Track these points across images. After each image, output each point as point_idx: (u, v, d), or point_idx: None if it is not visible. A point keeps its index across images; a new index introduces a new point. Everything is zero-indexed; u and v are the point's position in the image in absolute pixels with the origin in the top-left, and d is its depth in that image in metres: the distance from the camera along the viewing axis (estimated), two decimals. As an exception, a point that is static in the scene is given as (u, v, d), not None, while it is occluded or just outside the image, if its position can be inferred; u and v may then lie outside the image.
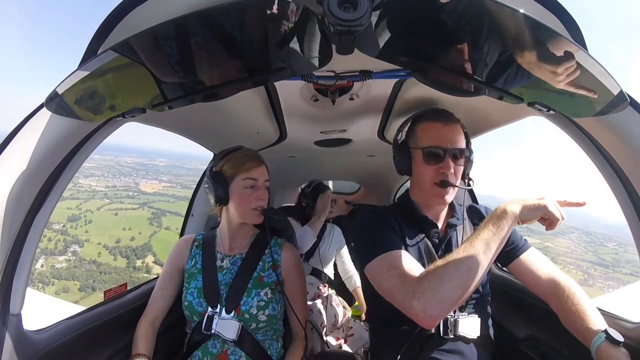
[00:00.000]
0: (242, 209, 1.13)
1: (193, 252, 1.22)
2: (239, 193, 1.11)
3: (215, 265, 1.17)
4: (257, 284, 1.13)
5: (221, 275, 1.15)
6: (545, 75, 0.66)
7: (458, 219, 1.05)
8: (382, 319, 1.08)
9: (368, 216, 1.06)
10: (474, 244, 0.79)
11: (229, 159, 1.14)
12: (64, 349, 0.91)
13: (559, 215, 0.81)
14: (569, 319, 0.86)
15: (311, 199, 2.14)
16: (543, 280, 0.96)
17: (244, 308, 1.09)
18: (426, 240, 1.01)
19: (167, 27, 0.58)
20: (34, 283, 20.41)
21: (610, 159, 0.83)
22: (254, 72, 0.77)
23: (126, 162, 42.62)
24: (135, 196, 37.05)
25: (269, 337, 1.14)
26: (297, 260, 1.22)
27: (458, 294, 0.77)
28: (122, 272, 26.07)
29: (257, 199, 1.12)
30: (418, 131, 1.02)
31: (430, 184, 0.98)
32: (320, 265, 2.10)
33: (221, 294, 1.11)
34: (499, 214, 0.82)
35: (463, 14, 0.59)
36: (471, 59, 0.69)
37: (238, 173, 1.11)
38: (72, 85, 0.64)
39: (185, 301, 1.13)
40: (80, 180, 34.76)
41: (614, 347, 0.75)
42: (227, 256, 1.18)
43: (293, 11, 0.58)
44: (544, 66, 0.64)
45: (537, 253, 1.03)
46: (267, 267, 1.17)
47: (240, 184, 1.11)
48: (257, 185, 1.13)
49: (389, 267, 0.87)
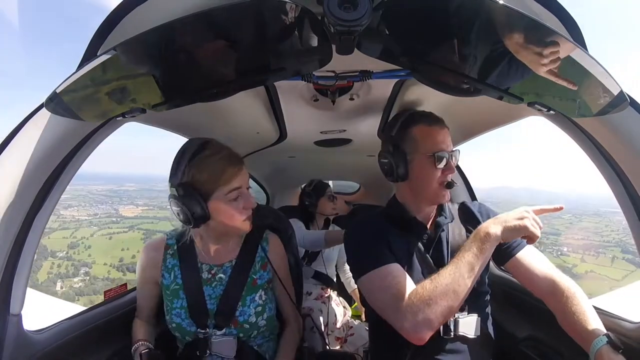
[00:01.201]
0: (231, 224, 0.97)
1: (168, 262, 1.05)
2: (222, 209, 0.93)
3: (200, 279, 1.02)
4: (251, 288, 1.04)
5: (210, 289, 1.02)
6: (545, 75, 0.66)
7: (446, 218, 1.06)
8: (381, 319, 1.07)
9: (360, 227, 1.09)
10: (459, 267, 0.85)
11: (200, 168, 0.91)
12: (64, 349, 0.91)
13: (538, 233, 0.87)
14: (567, 320, 0.86)
15: (314, 197, 2.15)
16: (540, 278, 0.96)
17: (242, 319, 1.00)
18: (416, 241, 1.02)
19: (167, 28, 0.58)
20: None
21: (610, 159, 0.83)
22: (254, 72, 0.77)
23: (97, 190, 43.74)
24: (119, 221, 38.19)
25: (267, 338, 1.12)
26: (280, 246, 1.15)
27: (445, 315, 0.84)
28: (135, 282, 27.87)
29: (245, 208, 0.97)
30: (416, 135, 1.02)
31: (437, 186, 1.01)
32: (323, 268, 2.10)
33: (211, 309, 1.00)
34: (482, 236, 0.87)
35: (463, 14, 0.59)
36: (471, 58, 0.69)
37: (218, 186, 0.92)
38: (72, 86, 0.64)
39: (173, 323, 1.01)
40: (62, 211, 35.96)
41: (614, 352, 0.75)
42: (215, 266, 1.05)
43: (293, 11, 0.58)
44: (544, 66, 0.64)
45: (534, 251, 1.02)
46: (258, 269, 1.08)
47: (222, 199, 0.93)
48: (242, 194, 0.96)
49: (379, 287, 0.92)
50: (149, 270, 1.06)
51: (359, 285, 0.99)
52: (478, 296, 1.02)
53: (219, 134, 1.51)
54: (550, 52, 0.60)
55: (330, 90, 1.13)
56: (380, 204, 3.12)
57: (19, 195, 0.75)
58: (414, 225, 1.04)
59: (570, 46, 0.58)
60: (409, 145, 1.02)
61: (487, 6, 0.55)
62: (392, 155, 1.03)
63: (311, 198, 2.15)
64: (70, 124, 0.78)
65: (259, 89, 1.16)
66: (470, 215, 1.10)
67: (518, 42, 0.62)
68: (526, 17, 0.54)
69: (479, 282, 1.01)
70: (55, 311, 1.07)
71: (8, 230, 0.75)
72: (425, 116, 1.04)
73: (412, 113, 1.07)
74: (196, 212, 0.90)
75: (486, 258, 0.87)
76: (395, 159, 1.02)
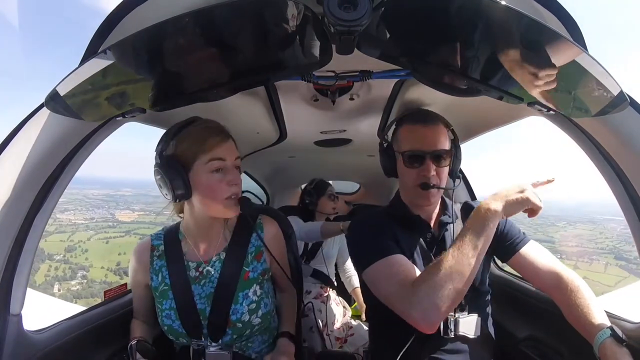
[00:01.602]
0: (211, 201, 0.90)
1: (155, 264, 1.00)
2: (204, 181, 0.87)
3: (188, 277, 0.97)
4: (244, 284, 0.97)
5: (199, 288, 0.97)
6: (545, 75, 0.66)
7: (449, 217, 1.06)
8: (382, 319, 1.08)
9: (364, 222, 1.09)
10: (462, 249, 0.81)
11: (182, 138, 0.89)
12: (64, 349, 0.91)
13: (540, 204, 0.83)
14: (572, 314, 0.86)
15: (314, 196, 2.15)
16: (544, 273, 0.95)
17: (234, 317, 0.94)
18: (420, 239, 1.02)
19: (166, 26, 0.58)
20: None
21: (610, 159, 0.83)
22: (254, 72, 0.77)
23: (93, 194, 44.16)
24: (115, 226, 38.67)
25: (265, 343, 1.06)
26: (277, 230, 1.08)
27: (452, 299, 0.80)
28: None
29: (229, 184, 0.89)
30: (400, 134, 1.03)
31: (413, 187, 0.99)
32: (323, 267, 2.10)
33: (201, 309, 0.95)
34: (483, 213, 0.84)
35: (463, 14, 0.59)
36: (471, 59, 0.69)
37: (198, 155, 0.87)
38: (72, 85, 0.64)
39: (165, 325, 0.96)
40: (58, 215, 36.43)
41: (618, 344, 0.75)
42: (202, 263, 0.98)
43: (293, 11, 0.58)
44: (544, 66, 0.64)
45: (538, 246, 1.02)
46: (251, 260, 1.00)
47: (203, 169, 0.87)
48: (226, 167, 0.89)
49: (386, 275, 0.89)
50: (139, 273, 1.03)
51: (364, 278, 0.96)
52: (479, 296, 1.02)
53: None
54: (550, 52, 0.60)
55: (330, 90, 1.13)
56: (381, 204, 3.12)
57: (18, 195, 0.75)
58: (418, 223, 1.03)
59: (570, 46, 0.58)
60: (395, 143, 1.04)
61: (487, 6, 0.55)
62: (383, 152, 1.05)
63: (312, 196, 2.15)
64: (70, 124, 0.78)
65: (259, 89, 1.16)
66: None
67: (518, 42, 0.62)
68: (526, 17, 0.54)
69: (480, 282, 1.01)
70: (55, 311, 1.07)
71: (8, 231, 0.75)
72: (414, 115, 1.04)
73: (408, 112, 1.07)
74: (175, 182, 0.86)
75: (489, 236, 0.83)
76: (385, 156, 1.04)
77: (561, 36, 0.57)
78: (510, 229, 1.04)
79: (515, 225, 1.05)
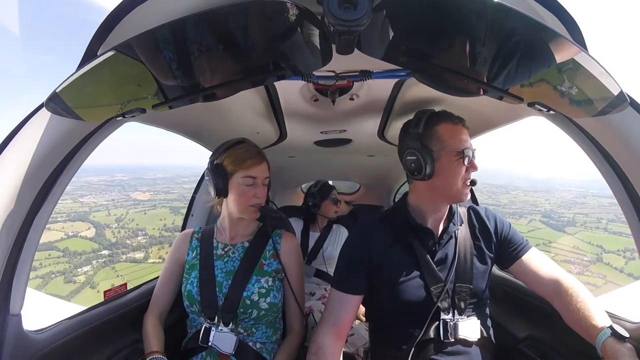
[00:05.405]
0: (239, 205, 1.15)
1: (193, 244, 1.25)
2: (237, 189, 1.13)
3: (213, 254, 1.19)
4: (258, 271, 1.16)
5: (222, 263, 1.17)
6: (545, 75, 0.65)
7: (455, 224, 1.05)
8: (382, 319, 1.08)
9: (352, 238, 1.14)
10: None
11: (230, 154, 1.15)
12: (64, 349, 0.91)
13: None
14: (573, 318, 0.86)
15: (318, 199, 2.15)
16: (545, 280, 0.96)
17: (246, 294, 1.10)
18: (420, 247, 1.01)
19: (167, 28, 0.58)
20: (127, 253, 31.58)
21: (610, 159, 0.83)
22: (254, 72, 0.76)
23: (92, 181, 45.83)
24: (139, 203, 41.47)
25: (269, 337, 1.14)
26: (296, 248, 1.25)
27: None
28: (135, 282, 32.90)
29: (255, 196, 1.14)
30: (442, 134, 1.00)
31: (462, 185, 1.00)
32: (324, 267, 2.09)
33: (219, 282, 1.13)
34: None
35: (463, 14, 0.59)
36: (471, 59, 0.69)
37: (238, 169, 1.13)
38: (72, 86, 0.64)
39: (185, 291, 1.14)
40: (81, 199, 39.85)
41: (619, 342, 0.75)
42: (228, 245, 1.21)
43: (293, 11, 0.58)
44: (544, 66, 0.64)
45: (538, 253, 1.02)
46: (268, 256, 1.20)
47: (239, 181, 1.13)
48: (255, 183, 1.15)
49: (328, 306, 1.04)
50: (177, 252, 1.24)
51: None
52: (479, 301, 1.02)
53: (219, 134, 1.51)
54: (551, 52, 0.60)
55: (330, 90, 1.13)
56: (380, 204, 3.11)
57: (19, 195, 0.75)
58: (420, 231, 1.03)
59: (570, 46, 0.58)
60: (435, 143, 1.00)
61: (487, 6, 0.55)
62: (420, 152, 1.00)
63: (315, 199, 2.15)
64: (70, 124, 0.78)
65: (259, 88, 1.16)
66: (478, 217, 1.10)
67: (518, 42, 0.62)
68: (526, 17, 0.54)
69: (481, 289, 1.01)
70: (55, 311, 1.07)
71: (8, 230, 0.75)
72: (449, 115, 1.04)
73: (434, 112, 1.05)
74: (218, 184, 1.13)
75: None
76: (423, 156, 0.99)
77: (561, 36, 0.57)
78: (513, 235, 1.04)
79: (518, 232, 1.05)
